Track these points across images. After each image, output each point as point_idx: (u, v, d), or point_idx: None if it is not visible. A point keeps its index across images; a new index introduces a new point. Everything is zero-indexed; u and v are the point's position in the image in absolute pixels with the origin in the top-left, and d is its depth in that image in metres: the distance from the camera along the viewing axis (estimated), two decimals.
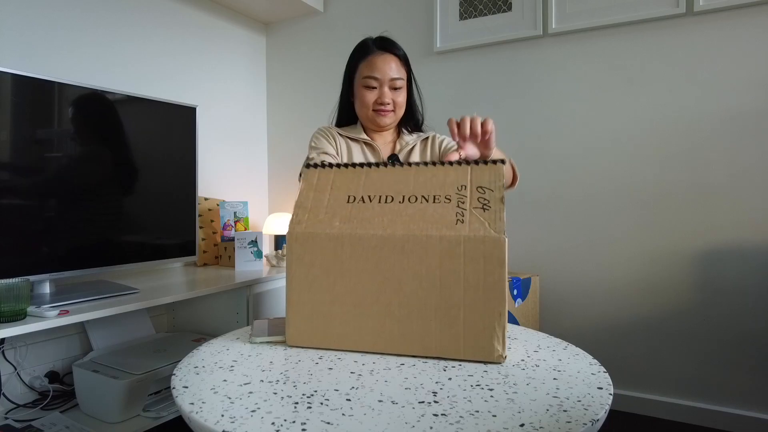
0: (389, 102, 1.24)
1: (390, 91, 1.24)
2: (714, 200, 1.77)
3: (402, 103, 1.28)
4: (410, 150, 1.33)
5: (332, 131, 1.31)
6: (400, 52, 1.27)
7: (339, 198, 0.91)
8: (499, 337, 0.79)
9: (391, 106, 1.25)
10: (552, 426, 0.59)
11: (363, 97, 1.24)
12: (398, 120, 1.31)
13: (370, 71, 1.23)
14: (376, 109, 1.24)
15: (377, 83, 1.23)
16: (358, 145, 1.31)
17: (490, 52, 2.14)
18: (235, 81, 2.53)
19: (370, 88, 1.24)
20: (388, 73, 1.23)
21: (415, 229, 0.82)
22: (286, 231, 0.89)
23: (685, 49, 1.80)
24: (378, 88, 1.24)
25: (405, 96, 1.29)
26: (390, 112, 1.25)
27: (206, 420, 0.62)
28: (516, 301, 1.80)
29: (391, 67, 1.23)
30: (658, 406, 1.86)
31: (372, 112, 1.25)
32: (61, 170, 1.47)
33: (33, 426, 1.39)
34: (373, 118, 1.26)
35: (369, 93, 1.24)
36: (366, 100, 1.24)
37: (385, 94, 1.23)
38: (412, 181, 0.90)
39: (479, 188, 0.86)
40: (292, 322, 0.89)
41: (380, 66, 1.22)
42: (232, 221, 2.19)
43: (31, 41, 1.70)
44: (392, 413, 0.63)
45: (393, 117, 1.27)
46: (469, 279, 0.80)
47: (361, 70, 1.25)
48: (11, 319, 1.21)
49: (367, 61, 1.24)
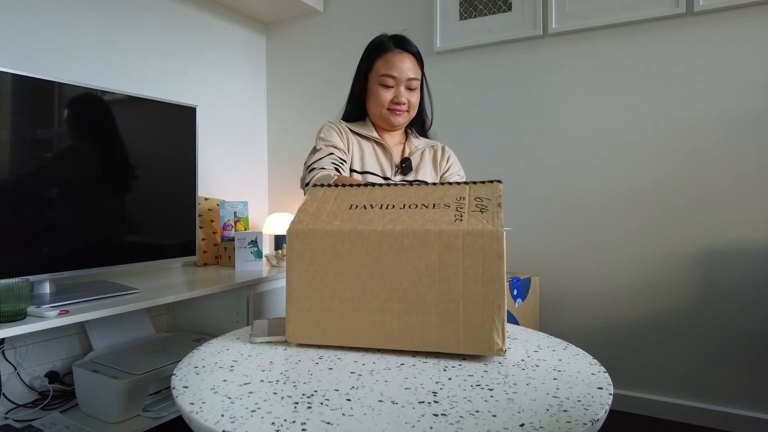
0: (405, 102, 1.23)
1: (405, 91, 1.23)
2: (714, 200, 1.77)
3: (416, 103, 1.27)
4: (421, 154, 1.32)
5: (343, 127, 1.29)
6: (417, 51, 1.26)
7: (342, 206, 0.93)
8: (499, 330, 0.80)
9: (406, 106, 1.24)
10: (552, 426, 0.59)
11: (379, 95, 1.23)
12: (410, 119, 1.30)
13: (388, 69, 1.21)
14: (391, 108, 1.23)
15: (394, 82, 1.22)
16: (370, 144, 1.29)
17: (490, 52, 2.14)
18: (235, 81, 2.53)
19: (386, 86, 1.22)
20: (406, 73, 1.22)
21: (414, 225, 0.83)
22: (286, 230, 0.89)
23: (685, 49, 1.80)
24: (395, 87, 1.22)
25: (419, 96, 1.28)
26: (405, 112, 1.24)
27: (206, 420, 0.62)
28: (516, 301, 1.80)
29: (409, 66, 1.22)
30: (658, 406, 1.86)
31: (386, 111, 1.24)
32: (61, 170, 1.47)
33: (33, 426, 1.39)
34: (387, 117, 1.25)
35: (385, 91, 1.22)
36: (382, 98, 1.22)
37: (402, 93, 1.22)
38: (413, 194, 0.94)
39: (477, 198, 0.89)
40: (293, 318, 0.89)
41: (398, 65, 1.21)
42: (232, 221, 2.19)
43: (31, 41, 1.70)
44: (392, 413, 0.63)
45: (407, 117, 1.26)
46: (468, 273, 0.81)
47: (378, 67, 1.23)
48: (11, 319, 1.21)
49: (384, 59, 1.22)
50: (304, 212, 0.92)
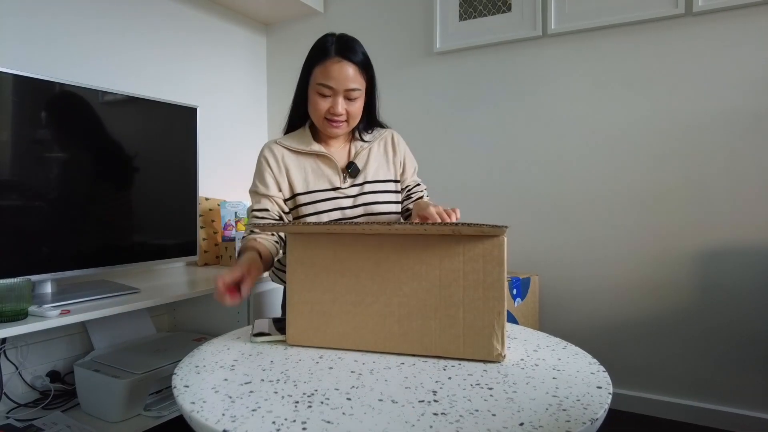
0: (342, 113, 1.15)
1: (344, 101, 1.15)
2: (713, 200, 1.77)
3: (356, 112, 1.18)
4: (368, 152, 1.26)
5: (280, 151, 1.21)
6: (359, 58, 1.16)
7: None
8: (499, 336, 0.80)
9: (344, 117, 1.16)
10: (551, 425, 0.60)
11: (315, 104, 1.15)
12: (351, 129, 1.23)
13: (325, 79, 1.13)
14: (328, 118, 1.16)
15: (331, 92, 1.14)
16: (311, 159, 1.22)
17: (489, 53, 2.14)
18: (235, 81, 2.53)
19: (323, 96, 1.15)
20: (344, 83, 1.13)
21: (415, 230, 0.83)
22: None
23: (684, 49, 1.80)
24: (332, 96, 1.14)
25: (361, 104, 1.19)
26: (342, 123, 1.17)
27: (207, 419, 0.62)
28: (516, 301, 1.81)
29: (348, 76, 1.13)
30: (658, 405, 1.86)
31: (324, 121, 1.17)
32: (61, 170, 1.47)
33: (34, 425, 1.40)
34: (324, 127, 1.19)
35: (322, 101, 1.15)
36: (318, 107, 1.15)
37: (339, 104, 1.14)
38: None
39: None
40: (293, 321, 0.90)
41: (335, 75, 1.12)
42: (233, 221, 2.19)
43: (31, 41, 1.70)
44: (392, 412, 0.63)
45: (345, 127, 1.19)
46: (468, 278, 0.81)
47: (316, 75, 1.15)
48: (13, 318, 1.21)
49: (323, 67, 1.14)
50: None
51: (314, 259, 0.88)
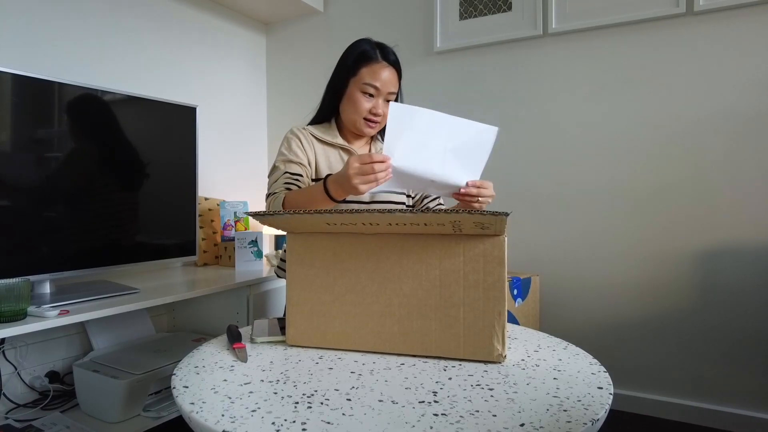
0: (381, 114, 1.22)
1: (383, 103, 1.22)
2: (714, 200, 1.77)
3: (387, 114, 1.23)
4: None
5: (309, 135, 1.27)
6: (399, 66, 1.26)
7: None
8: (499, 336, 0.80)
9: (381, 118, 1.23)
10: (552, 426, 0.59)
11: (358, 103, 1.21)
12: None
13: (373, 80, 1.19)
14: (367, 117, 1.22)
15: (376, 92, 1.21)
16: (336, 151, 1.28)
17: (490, 52, 2.14)
18: (235, 81, 2.53)
19: (367, 95, 1.21)
20: (388, 86, 1.21)
21: (415, 230, 0.83)
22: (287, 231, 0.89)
23: (684, 49, 1.80)
24: (375, 97, 1.21)
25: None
26: (377, 123, 1.24)
27: (206, 420, 0.62)
28: (516, 301, 1.80)
29: (392, 80, 1.22)
30: (658, 405, 1.86)
31: (362, 120, 1.22)
32: (61, 170, 1.47)
33: (33, 426, 1.39)
34: (360, 126, 1.23)
35: (366, 100, 1.21)
36: (361, 107, 1.21)
37: (380, 105, 1.21)
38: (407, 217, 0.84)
39: (477, 222, 0.79)
40: (293, 321, 0.89)
41: (383, 77, 1.20)
42: (233, 221, 2.19)
43: (31, 41, 1.70)
44: (392, 413, 0.63)
45: (378, 128, 1.26)
46: (468, 278, 0.80)
47: (363, 75, 1.21)
48: (11, 319, 1.21)
49: (371, 69, 1.20)
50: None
51: (314, 259, 0.88)
